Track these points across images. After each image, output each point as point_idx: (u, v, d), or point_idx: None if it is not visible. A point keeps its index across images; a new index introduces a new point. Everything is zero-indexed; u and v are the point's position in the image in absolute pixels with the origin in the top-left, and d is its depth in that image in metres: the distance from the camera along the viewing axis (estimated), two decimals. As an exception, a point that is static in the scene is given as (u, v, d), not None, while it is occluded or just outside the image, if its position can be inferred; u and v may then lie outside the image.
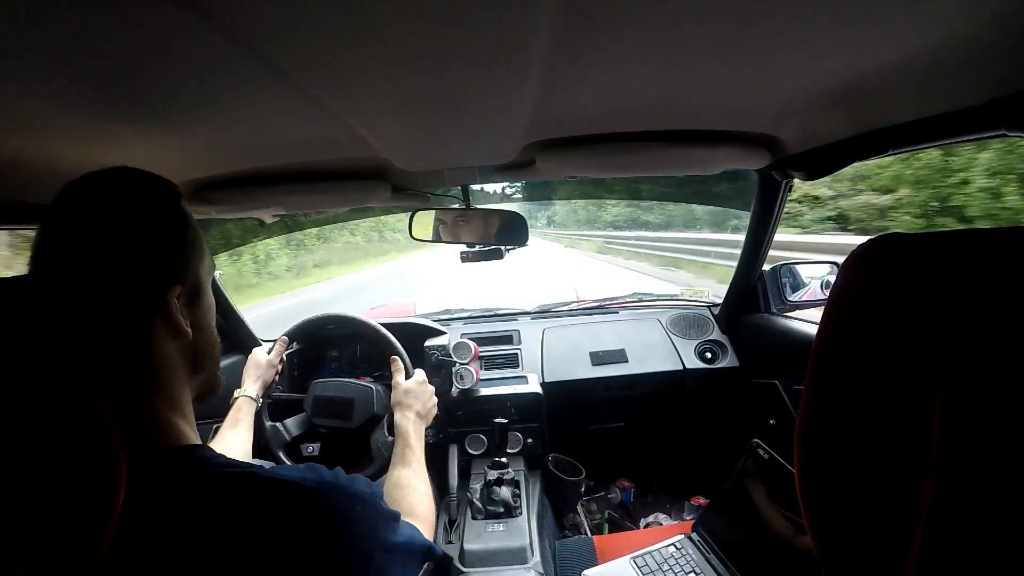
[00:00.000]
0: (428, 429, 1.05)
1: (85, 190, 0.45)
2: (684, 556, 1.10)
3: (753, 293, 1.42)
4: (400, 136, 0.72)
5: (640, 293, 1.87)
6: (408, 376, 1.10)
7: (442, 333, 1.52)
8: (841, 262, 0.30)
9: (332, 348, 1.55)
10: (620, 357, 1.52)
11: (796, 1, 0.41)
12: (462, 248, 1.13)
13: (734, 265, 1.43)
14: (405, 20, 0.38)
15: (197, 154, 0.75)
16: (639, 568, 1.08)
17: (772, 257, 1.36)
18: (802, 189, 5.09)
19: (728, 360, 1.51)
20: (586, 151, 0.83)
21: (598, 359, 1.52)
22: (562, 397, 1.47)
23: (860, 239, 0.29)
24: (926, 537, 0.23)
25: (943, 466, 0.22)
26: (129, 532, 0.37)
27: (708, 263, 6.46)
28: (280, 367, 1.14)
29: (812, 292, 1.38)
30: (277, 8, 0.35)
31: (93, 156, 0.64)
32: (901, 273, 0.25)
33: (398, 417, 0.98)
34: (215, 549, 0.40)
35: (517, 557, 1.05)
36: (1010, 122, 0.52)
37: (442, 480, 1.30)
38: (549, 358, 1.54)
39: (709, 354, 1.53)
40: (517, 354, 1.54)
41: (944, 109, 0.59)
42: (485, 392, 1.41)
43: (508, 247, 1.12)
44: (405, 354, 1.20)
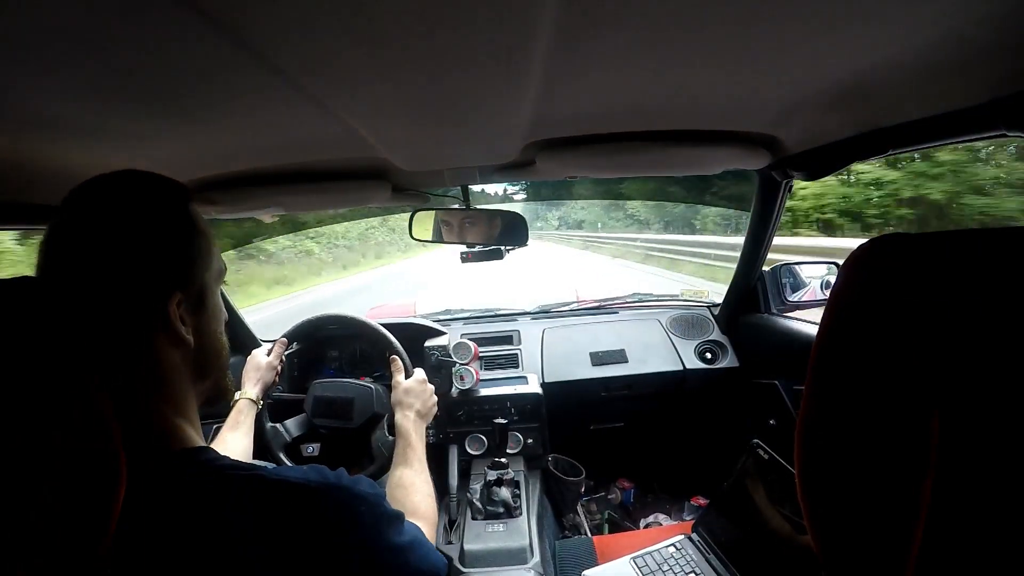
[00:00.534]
0: (428, 429, 1.05)
1: (89, 195, 0.45)
2: (684, 556, 1.10)
3: (753, 293, 1.42)
4: (400, 136, 0.72)
5: (640, 293, 1.87)
6: (408, 376, 1.10)
7: (442, 333, 1.52)
8: (841, 263, 0.30)
9: (332, 348, 1.55)
10: (620, 357, 1.52)
11: (796, 1, 0.41)
12: (462, 248, 1.13)
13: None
14: (405, 20, 0.38)
15: (198, 154, 0.75)
16: (639, 568, 1.07)
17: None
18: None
19: (728, 360, 1.51)
20: (586, 151, 0.83)
21: (598, 359, 1.52)
22: (562, 397, 1.47)
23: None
24: (926, 537, 0.23)
25: (943, 466, 0.22)
26: (130, 533, 0.37)
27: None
28: (280, 368, 1.14)
29: (812, 292, 1.38)
30: (279, 9, 0.35)
31: (95, 156, 0.64)
32: (901, 273, 0.25)
33: (398, 417, 0.98)
34: (216, 550, 0.40)
35: (517, 557, 1.05)
36: (1010, 122, 0.52)
37: (442, 480, 1.29)
38: (549, 358, 1.54)
39: (709, 354, 1.53)
40: (517, 354, 1.54)
41: (944, 109, 0.59)
42: (485, 392, 1.41)
43: (508, 247, 1.12)
44: (405, 354, 1.19)
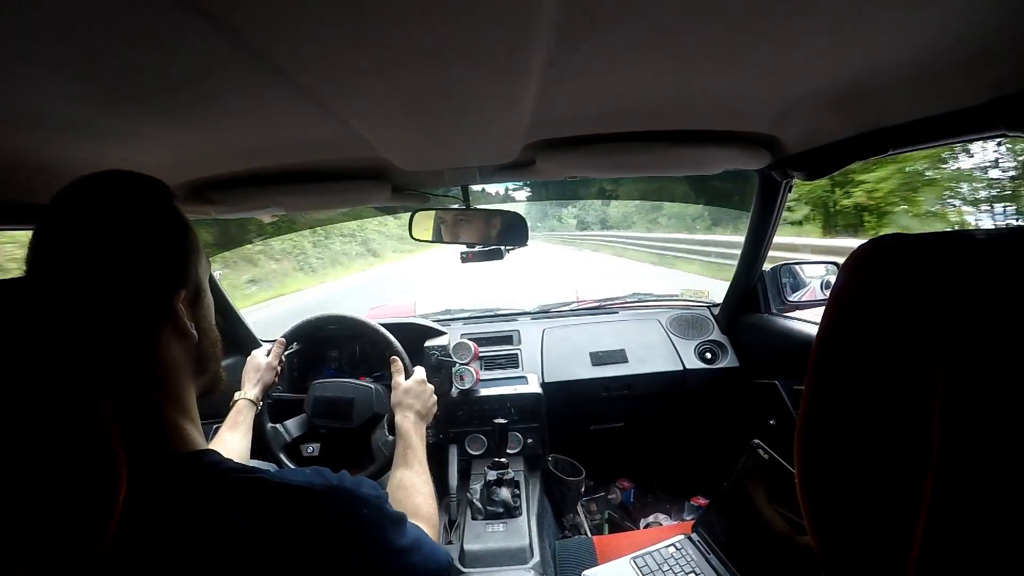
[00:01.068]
0: (428, 429, 1.05)
1: (82, 195, 0.44)
2: (684, 556, 1.10)
3: (753, 293, 1.42)
4: (400, 136, 0.72)
5: (640, 293, 1.87)
6: (408, 376, 1.10)
7: (442, 333, 1.52)
8: (842, 262, 0.30)
9: (332, 348, 1.55)
10: (620, 357, 1.52)
11: (796, 1, 0.41)
12: (462, 248, 1.13)
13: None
14: (405, 20, 0.38)
15: (197, 154, 0.75)
16: (639, 568, 1.07)
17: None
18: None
19: (728, 360, 1.50)
20: (586, 151, 0.83)
21: (598, 359, 1.52)
22: (562, 397, 1.47)
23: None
24: (926, 537, 0.23)
25: (943, 466, 0.22)
26: (130, 533, 0.37)
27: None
28: (279, 368, 1.14)
29: (812, 292, 1.38)
30: (278, 8, 0.35)
31: (93, 156, 0.64)
32: (901, 273, 0.25)
33: (398, 417, 0.98)
34: (216, 551, 0.40)
35: (517, 557, 1.05)
36: (1010, 122, 0.52)
37: (442, 480, 1.29)
38: (549, 358, 1.54)
39: (709, 354, 1.53)
40: (517, 354, 1.54)
41: (944, 109, 0.59)
42: (485, 392, 1.41)
43: (508, 247, 1.12)
44: (405, 354, 1.19)
